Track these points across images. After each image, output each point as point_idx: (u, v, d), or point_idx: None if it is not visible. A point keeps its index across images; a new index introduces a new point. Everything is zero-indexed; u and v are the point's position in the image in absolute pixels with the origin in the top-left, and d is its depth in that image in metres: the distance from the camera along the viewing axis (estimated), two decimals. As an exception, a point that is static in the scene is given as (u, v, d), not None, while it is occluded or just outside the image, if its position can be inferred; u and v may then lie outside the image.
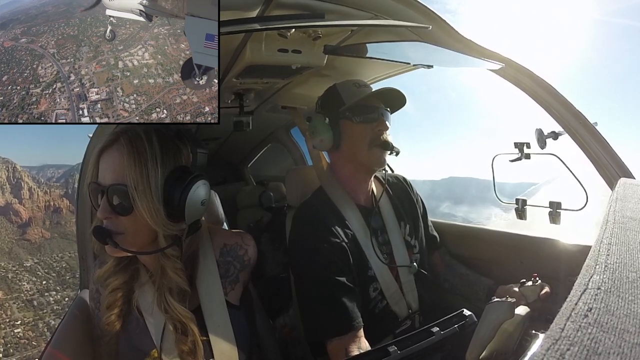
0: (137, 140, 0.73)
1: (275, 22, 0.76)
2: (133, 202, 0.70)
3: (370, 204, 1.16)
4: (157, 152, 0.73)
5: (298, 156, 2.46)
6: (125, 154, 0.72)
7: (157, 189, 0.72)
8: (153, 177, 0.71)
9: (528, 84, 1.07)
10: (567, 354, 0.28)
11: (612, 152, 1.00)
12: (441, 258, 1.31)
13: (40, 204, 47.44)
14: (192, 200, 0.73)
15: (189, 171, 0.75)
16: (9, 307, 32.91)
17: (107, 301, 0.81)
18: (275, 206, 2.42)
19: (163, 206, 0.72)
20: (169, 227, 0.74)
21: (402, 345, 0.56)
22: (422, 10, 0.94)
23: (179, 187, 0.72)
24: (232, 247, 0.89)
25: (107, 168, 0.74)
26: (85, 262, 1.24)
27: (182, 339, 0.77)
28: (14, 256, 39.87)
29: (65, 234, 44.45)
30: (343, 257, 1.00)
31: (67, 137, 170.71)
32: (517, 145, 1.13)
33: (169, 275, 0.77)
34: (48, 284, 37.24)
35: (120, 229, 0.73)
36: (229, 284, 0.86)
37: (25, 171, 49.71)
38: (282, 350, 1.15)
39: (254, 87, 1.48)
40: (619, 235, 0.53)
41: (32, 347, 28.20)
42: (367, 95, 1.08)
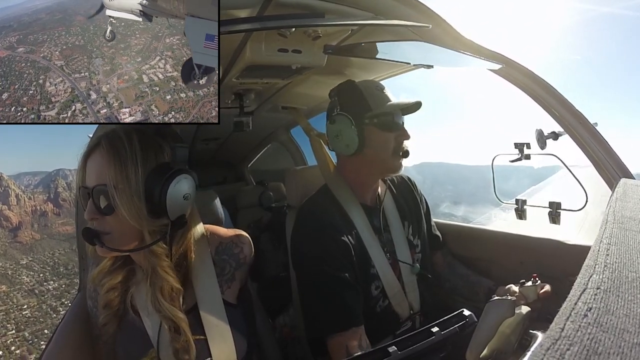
0: (117, 140, 0.73)
1: (275, 21, 0.76)
2: (113, 200, 0.71)
3: (375, 203, 1.16)
4: (137, 150, 0.73)
5: (298, 156, 2.46)
6: (105, 155, 0.72)
7: (137, 186, 0.72)
8: (132, 174, 0.72)
9: (528, 84, 1.07)
10: (567, 353, 0.28)
11: (612, 152, 1.00)
12: (443, 258, 1.31)
13: (27, 209, 51.43)
14: (172, 195, 0.73)
15: (168, 167, 0.75)
16: (14, 296, 37.25)
17: (104, 301, 0.81)
18: (275, 206, 2.42)
19: (145, 203, 0.72)
20: (150, 224, 0.74)
21: (402, 346, 0.56)
22: (422, 10, 0.94)
23: (158, 182, 0.73)
24: (227, 245, 0.89)
25: (91, 171, 0.74)
26: (84, 261, 1.24)
27: (176, 338, 0.77)
28: (10, 257, 44.05)
29: (53, 234, 48.50)
30: (346, 254, 1.01)
31: (42, 144, 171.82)
32: (517, 146, 1.13)
33: (159, 273, 0.77)
34: (45, 275, 41.58)
35: (106, 229, 0.74)
36: (225, 283, 0.86)
37: (11, 179, 53.40)
38: (282, 350, 1.15)
39: (254, 87, 1.47)
40: (619, 235, 0.53)
41: (40, 322, 33.07)
42: (396, 106, 1.09)
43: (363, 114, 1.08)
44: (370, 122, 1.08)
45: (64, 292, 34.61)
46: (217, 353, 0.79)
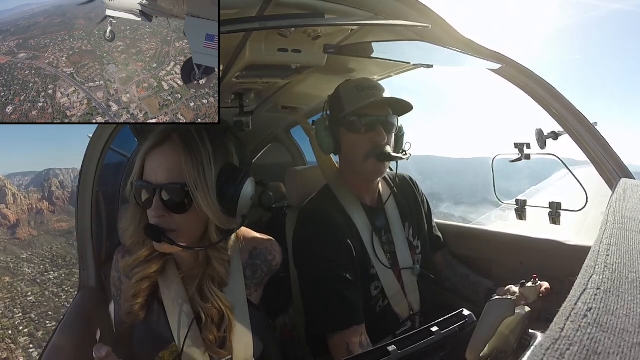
0: (191, 138, 0.74)
1: (275, 21, 0.76)
2: (194, 199, 0.73)
3: (376, 203, 1.16)
4: (210, 150, 0.75)
5: (298, 156, 2.46)
6: (182, 153, 0.73)
7: (212, 186, 0.74)
8: (209, 174, 0.74)
9: (528, 83, 1.07)
10: (567, 353, 0.28)
11: (612, 152, 1.00)
12: (444, 258, 1.31)
13: (24, 208, 53.28)
14: (244, 196, 0.76)
15: (239, 168, 0.79)
16: (17, 285, 40.25)
17: (134, 290, 0.81)
18: (275, 206, 2.42)
19: (220, 202, 0.75)
20: (226, 222, 0.77)
21: (402, 345, 0.56)
22: (422, 10, 0.93)
23: (232, 183, 0.75)
24: (261, 251, 0.91)
25: (158, 166, 0.74)
26: (85, 261, 1.23)
27: (211, 329, 0.78)
28: (10, 252, 46.68)
29: (49, 231, 51.22)
30: (347, 253, 1.01)
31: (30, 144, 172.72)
32: (517, 146, 1.12)
33: (213, 265, 0.80)
34: (45, 267, 44.11)
35: (173, 226, 0.75)
36: (254, 286, 0.88)
37: (7, 179, 55.72)
38: (282, 350, 1.15)
39: (254, 87, 1.47)
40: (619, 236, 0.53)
41: (44, 306, 36.37)
42: (363, 105, 1.03)
43: (336, 115, 1.08)
44: (342, 123, 1.07)
45: (65, 281, 37.63)
46: (238, 351, 0.80)
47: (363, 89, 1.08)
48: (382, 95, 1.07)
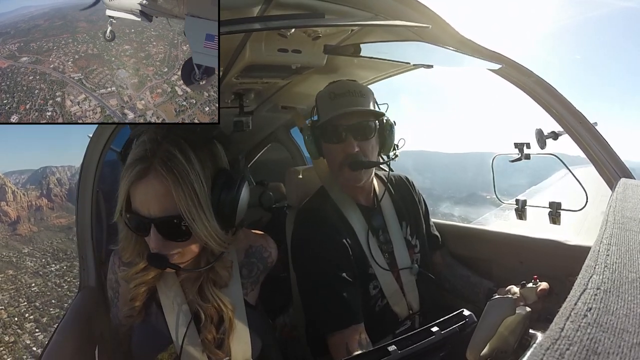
0: (174, 161, 0.67)
1: (275, 21, 0.76)
2: (192, 230, 0.70)
3: (372, 203, 1.17)
4: (197, 166, 0.70)
5: (298, 156, 2.46)
6: (170, 182, 0.66)
7: (207, 205, 0.71)
8: (202, 196, 0.69)
9: (528, 83, 1.07)
10: (567, 353, 0.28)
11: (612, 152, 1.00)
12: (442, 258, 1.31)
13: (23, 205, 55.23)
14: (241, 203, 0.74)
15: (231, 176, 0.75)
16: (21, 277, 42.65)
17: (132, 294, 0.81)
18: (275, 206, 2.41)
19: (216, 218, 0.72)
20: (223, 239, 0.75)
21: (402, 345, 0.56)
22: (422, 10, 0.93)
23: (229, 194, 0.72)
24: (257, 249, 0.90)
25: (148, 200, 0.68)
26: (85, 261, 1.23)
27: (210, 329, 0.78)
28: (12, 247, 49.06)
29: (49, 226, 53.41)
30: (344, 254, 1.02)
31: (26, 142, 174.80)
32: (517, 146, 1.12)
33: (216, 270, 0.80)
34: (46, 260, 46.77)
35: (174, 250, 0.73)
36: (250, 285, 0.88)
37: (7, 177, 57.75)
38: (282, 350, 1.15)
39: (254, 87, 1.47)
40: (619, 236, 0.53)
41: (47, 295, 38.84)
42: (333, 116, 1.02)
43: (315, 124, 1.10)
44: (319, 132, 1.09)
45: (66, 272, 40.17)
46: (236, 352, 0.80)
47: (336, 96, 1.06)
48: (354, 102, 1.04)
